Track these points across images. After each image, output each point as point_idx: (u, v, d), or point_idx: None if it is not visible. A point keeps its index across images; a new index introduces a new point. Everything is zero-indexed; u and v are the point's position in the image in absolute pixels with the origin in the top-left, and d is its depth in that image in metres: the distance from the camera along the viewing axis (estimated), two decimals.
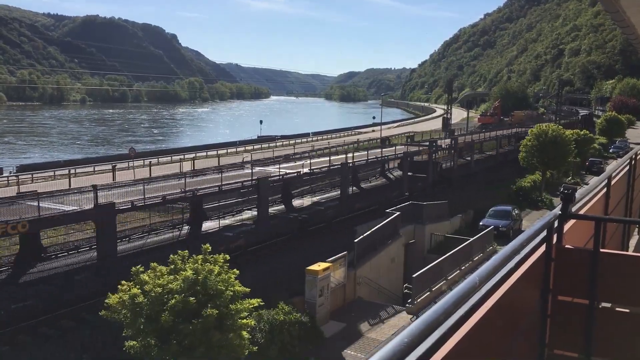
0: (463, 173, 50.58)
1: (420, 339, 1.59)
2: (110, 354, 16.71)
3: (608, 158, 61.73)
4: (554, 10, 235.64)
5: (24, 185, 34.66)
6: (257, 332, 16.83)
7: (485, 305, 2.24)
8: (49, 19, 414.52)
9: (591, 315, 3.45)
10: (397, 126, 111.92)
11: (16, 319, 18.49)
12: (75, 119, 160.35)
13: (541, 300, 3.30)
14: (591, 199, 4.59)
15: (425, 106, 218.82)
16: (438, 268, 24.22)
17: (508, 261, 2.42)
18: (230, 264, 14.79)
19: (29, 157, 71.63)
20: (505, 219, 33.56)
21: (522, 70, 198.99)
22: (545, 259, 3.21)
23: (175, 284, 13.54)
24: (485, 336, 2.33)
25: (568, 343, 3.54)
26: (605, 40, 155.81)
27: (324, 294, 20.66)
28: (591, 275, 3.42)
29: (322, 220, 33.31)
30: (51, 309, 19.38)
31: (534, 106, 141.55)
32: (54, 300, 19.79)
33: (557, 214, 3.35)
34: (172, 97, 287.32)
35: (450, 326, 1.81)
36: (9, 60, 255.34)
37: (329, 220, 33.68)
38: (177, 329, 13.18)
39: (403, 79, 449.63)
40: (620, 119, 77.09)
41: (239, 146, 67.14)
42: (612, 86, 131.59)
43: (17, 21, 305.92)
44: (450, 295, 1.89)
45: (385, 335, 19.93)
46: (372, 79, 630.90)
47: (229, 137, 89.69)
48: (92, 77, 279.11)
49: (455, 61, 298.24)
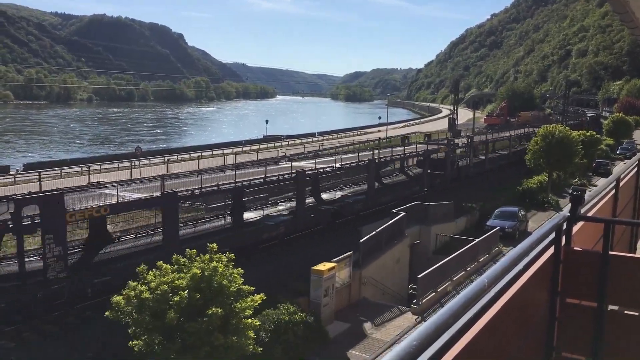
0: (479, 170, 52.81)
1: (429, 341, 1.58)
2: (113, 352, 16.75)
3: (615, 159, 61.42)
4: (561, 11, 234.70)
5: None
6: (262, 332, 16.83)
7: (494, 307, 2.22)
8: (56, 17, 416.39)
9: (600, 318, 3.42)
10: (403, 126, 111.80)
11: (97, 292, 20.27)
12: (79, 117, 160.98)
13: (550, 302, 3.28)
14: (599, 200, 4.56)
15: (432, 106, 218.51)
16: (443, 269, 24.15)
17: (517, 263, 2.41)
18: (235, 262, 14.82)
19: (29, 156, 71.84)
20: (511, 220, 33.44)
21: (529, 70, 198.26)
22: (554, 261, 3.19)
23: (181, 281, 13.57)
24: (493, 338, 2.31)
25: (576, 346, 3.51)
26: (612, 41, 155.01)
27: (328, 294, 20.63)
28: (600, 278, 3.39)
29: (351, 213, 35.53)
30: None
31: (540, 107, 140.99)
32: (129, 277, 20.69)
33: (566, 215, 3.33)
34: (179, 97, 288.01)
35: (459, 328, 1.79)
36: (16, 59, 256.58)
37: (356, 212, 35.64)
38: (181, 328, 13.20)
39: (409, 79, 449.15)
40: (627, 120, 76.74)
41: (244, 145, 67.24)
42: (620, 87, 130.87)
43: (24, 20, 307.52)
44: (459, 297, 1.87)
45: (390, 335, 19.88)
46: (378, 79, 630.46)
47: (233, 137, 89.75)
48: (99, 76, 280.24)
49: (462, 61, 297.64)
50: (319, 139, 77.26)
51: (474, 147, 53.85)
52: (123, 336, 14.12)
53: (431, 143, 51.25)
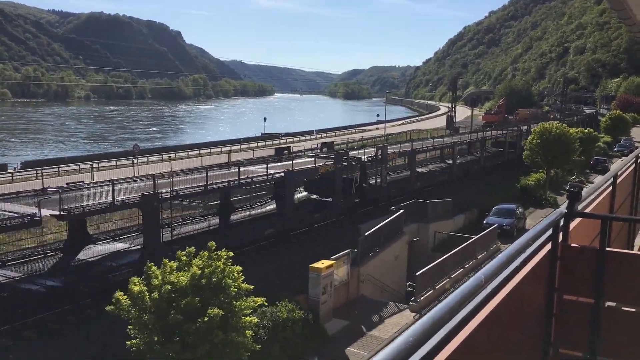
0: (497, 162, 56.42)
1: (425, 337, 1.58)
2: (113, 350, 16.74)
3: (613, 157, 61.52)
4: (559, 8, 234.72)
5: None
6: (260, 330, 16.83)
7: (490, 303, 2.22)
8: (53, 15, 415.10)
9: (597, 314, 3.43)
10: (401, 124, 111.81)
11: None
12: (76, 115, 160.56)
13: (547, 298, 3.28)
14: (597, 197, 4.57)
15: (430, 104, 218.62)
16: (441, 266, 24.18)
17: (514, 259, 2.41)
18: (233, 260, 14.80)
19: (26, 154, 71.72)
20: (509, 217, 33.47)
21: (527, 68, 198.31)
22: (551, 258, 3.20)
23: (183, 280, 13.57)
24: (490, 335, 2.31)
25: (574, 342, 3.52)
26: (610, 39, 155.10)
27: (327, 291, 20.64)
28: (597, 274, 3.40)
29: (400, 195, 37.87)
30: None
31: (538, 104, 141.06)
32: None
33: (563, 212, 3.33)
34: (176, 94, 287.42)
35: (456, 325, 1.79)
36: (13, 57, 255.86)
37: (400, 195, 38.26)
38: (182, 327, 13.19)
39: (407, 77, 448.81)
40: (625, 118, 76.87)
41: (242, 143, 67.20)
42: (617, 85, 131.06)
43: (22, 18, 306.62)
44: (455, 293, 1.87)
45: (389, 333, 19.92)
46: (377, 77, 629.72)
47: (230, 135, 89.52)
48: (97, 74, 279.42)
49: (460, 59, 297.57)
50: (316, 137, 77.22)
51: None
52: (123, 335, 14.11)
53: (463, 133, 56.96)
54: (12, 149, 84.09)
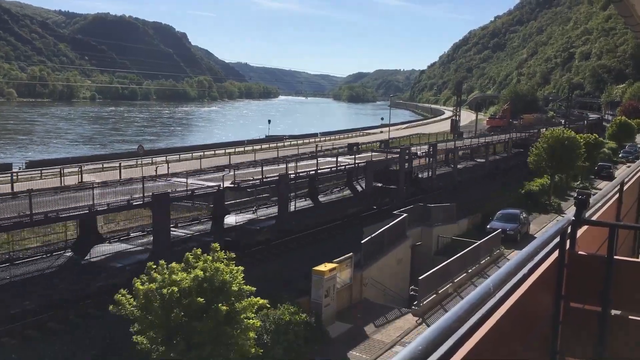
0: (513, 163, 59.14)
1: (434, 346, 1.58)
2: (117, 350, 16.76)
3: (617, 162, 61.35)
4: (564, 14, 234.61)
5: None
6: (263, 332, 16.81)
7: (498, 311, 2.22)
8: (60, 16, 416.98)
9: (604, 323, 3.41)
10: (406, 127, 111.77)
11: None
12: (81, 116, 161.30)
13: (554, 306, 3.27)
14: (603, 205, 4.55)
15: (434, 108, 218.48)
16: (444, 270, 24.13)
17: (522, 267, 2.40)
18: (236, 261, 14.80)
19: (31, 154, 71.98)
20: (513, 222, 33.38)
21: (532, 73, 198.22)
22: (559, 265, 3.18)
23: (186, 282, 13.58)
24: (497, 342, 2.30)
25: (580, 350, 3.50)
26: (616, 44, 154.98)
27: (330, 294, 20.62)
28: (604, 282, 3.38)
29: (439, 188, 41.95)
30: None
31: (543, 109, 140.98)
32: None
33: (570, 219, 3.32)
34: (181, 96, 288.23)
35: (464, 333, 1.79)
36: (20, 57, 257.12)
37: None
38: (189, 326, 13.18)
39: (412, 81, 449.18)
40: (630, 124, 76.68)
41: (247, 145, 67.29)
42: (623, 90, 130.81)
43: (28, 18, 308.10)
44: (464, 301, 1.87)
45: (391, 337, 19.86)
46: (381, 80, 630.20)
47: (232, 137, 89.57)
48: (102, 75, 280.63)
49: (465, 63, 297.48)
50: (321, 140, 77.28)
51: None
52: (126, 335, 14.10)
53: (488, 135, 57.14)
54: (21, 148, 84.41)
